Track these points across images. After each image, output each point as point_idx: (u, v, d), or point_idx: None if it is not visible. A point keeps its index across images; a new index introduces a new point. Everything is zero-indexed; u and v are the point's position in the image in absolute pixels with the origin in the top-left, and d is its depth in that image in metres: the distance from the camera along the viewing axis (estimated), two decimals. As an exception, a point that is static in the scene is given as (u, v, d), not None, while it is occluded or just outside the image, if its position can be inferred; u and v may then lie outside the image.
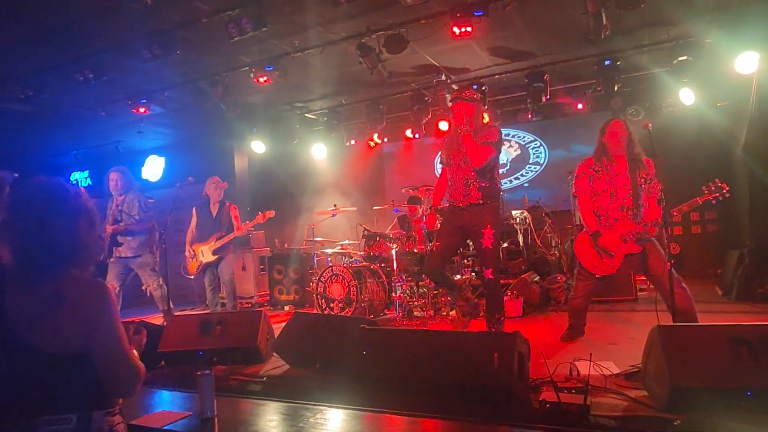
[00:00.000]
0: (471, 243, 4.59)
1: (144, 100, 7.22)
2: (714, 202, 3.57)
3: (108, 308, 1.67)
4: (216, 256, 5.80)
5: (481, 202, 3.89)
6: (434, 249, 4.13)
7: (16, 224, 1.66)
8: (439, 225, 4.48)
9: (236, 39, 5.17)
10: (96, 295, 1.67)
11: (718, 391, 2.36)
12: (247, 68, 6.44)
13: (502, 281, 6.17)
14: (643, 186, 3.73)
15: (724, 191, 3.53)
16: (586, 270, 3.91)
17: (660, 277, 3.54)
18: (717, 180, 3.58)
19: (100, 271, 5.47)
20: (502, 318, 3.99)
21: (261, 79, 6.35)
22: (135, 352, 1.78)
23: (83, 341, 1.61)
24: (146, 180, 10.46)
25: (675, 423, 2.28)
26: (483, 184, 3.89)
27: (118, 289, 5.49)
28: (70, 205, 1.71)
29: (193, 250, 5.90)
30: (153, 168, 10.62)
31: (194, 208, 6.11)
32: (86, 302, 1.64)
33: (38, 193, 1.70)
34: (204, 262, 5.84)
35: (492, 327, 3.95)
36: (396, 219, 6.89)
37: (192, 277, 6.02)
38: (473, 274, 6.01)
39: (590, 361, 2.93)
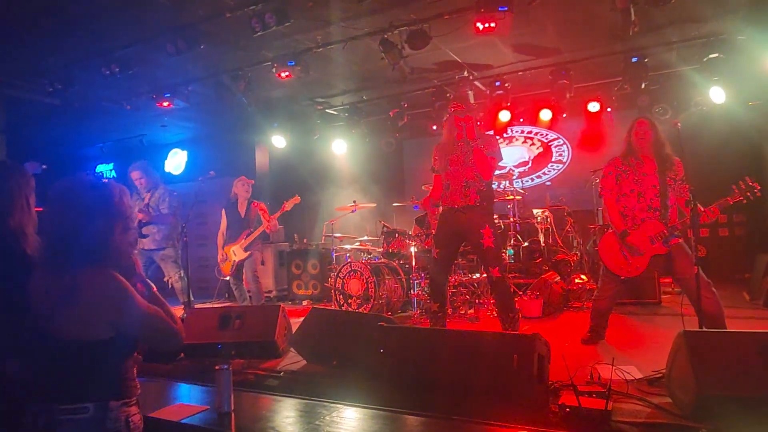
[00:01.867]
0: (468, 246, 4.58)
1: (168, 95, 7.30)
2: (745, 201, 3.42)
3: (126, 293, 1.70)
4: (248, 253, 5.87)
5: (478, 204, 3.96)
6: (436, 257, 4.12)
7: (53, 219, 1.72)
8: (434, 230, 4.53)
9: (259, 34, 5.18)
10: (112, 285, 1.69)
11: (745, 401, 2.29)
12: (269, 63, 6.46)
13: (522, 281, 6.14)
14: (671, 186, 3.65)
15: (756, 190, 3.39)
16: (611, 272, 3.84)
17: (687, 280, 3.44)
18: (748, 178, 3.43)
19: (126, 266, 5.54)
20: (517, 315, 4.00)
21: (283, 74, 6.36)
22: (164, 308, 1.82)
23: (112, 328, 1.66)
24: (169, 173, 10.60)
25: (700, 431, 2.22)
26: (481, 187, 3.99)
27: (141, 281, 5.55)
28: (109, 210, 1.74)
29: (225, 253, 5.98)
30: (175, 161, 10.76)
31: (223, 210, 6.19)
32: (105, 293, 1.67)
33: (80, 192, 1.74)
34: (237, 260, 5.91)
35: (507, 327, 3.92)
36: (415, 219, 6.86)
37: (227, 278, 6.11)
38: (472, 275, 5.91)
39: (612, 365, 2.87)
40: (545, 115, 8.15)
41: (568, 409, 2.48)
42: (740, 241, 7.86)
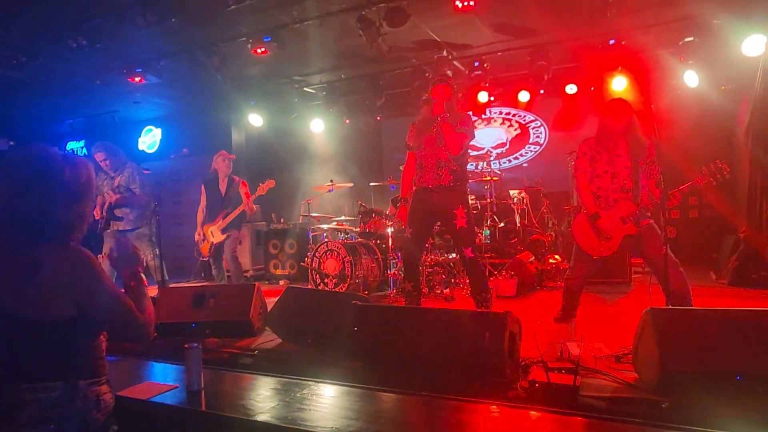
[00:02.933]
0: (442, 226, 4.56)
1: (139, 69, 7.09)
2: (714, 183, 3.47)
3: (97, 274, 1.67)
4: (225, 235, 5.71)
5: (452, 184, 3.95)
6: (410, 236, 4.09)
7: (10, 195, 1.66)
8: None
9: (233, 7, 5.07)
10: (81, 264, 1.66)
11: (707, 375, 2.36)
12: (244, 39, 6.31)
13: (498, 261, 6.21)
14: (643, 168, 3.69)
15: (725, 172, 3.43)
16: (583, 251, 3.86)
17: (656, 260, 3.51)
18: (717, 160, 3.47)
19: (96, 243, 5.45)
20: (489, 295, 4.04)
21: (259, 50, 6.23)
22: (140, 300, 1.79)
23: (76, 308, 1.62)
24: (142, 151, 10.37)
25: (663, 405, 2.28)
26: (454, 168, 3.96)
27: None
28: (51, 180, 1.67)
29: (204, 232, 5.81)
30: (150, 139, 10.53)
31: (203, 186, 5.95)
32: (72, 272, 1.63)
33: (22, 165, 1.68)
34: (215, 242, 5.75)
35: (480, 305, 3.97)
36: (391, 199, 6.85)
37: (206, 258, 5.96)
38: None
39: (581, 342, 2.93)
40: (523, 96, 8.16)
41: (537, 385, 2.53)
42: (709, 223, 8.05)
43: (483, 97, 7.92)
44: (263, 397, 2.51)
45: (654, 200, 3.56)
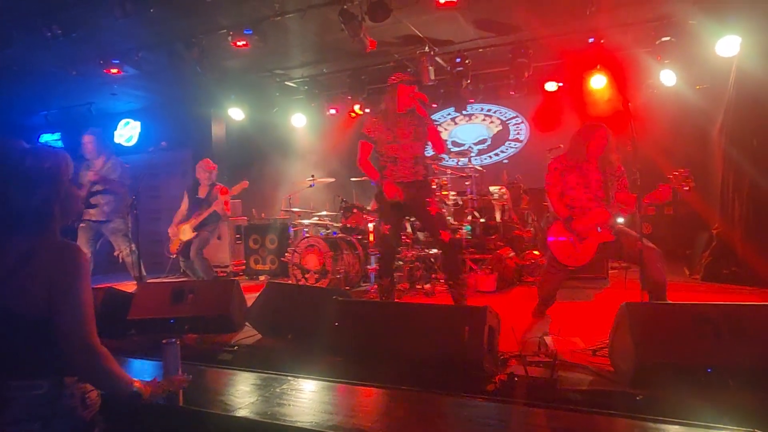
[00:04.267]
0: (416, 218, 4.61)
1: (116, 61, 6.95)
2: (680, 191, 3.44)
3: (77, 273, 1.63)
4: (195, 234, 5.78)
5: (423, 179, 4.10)
6: (387, 233, 4.09)
7: None
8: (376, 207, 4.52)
9: (213, -1, 4.99)
10: (65, 257, 1.63)
11: (680, 368, 2.42)
12: (224, 31, 6.23)
13: (478, 256, 6.26)
14: (611, 181, 3.80)
15: (685, 187, 3.40)
16: (558, 262, 3.88)
17: (636, 257, 3.50)
18: (681, 170, 3.43)
19: (70, 237, 5.35)
20: (465, 280, 4.16)
21: (239, 43, 6.16)
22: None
23: (48, 304, 1.57)
24: (119, 144, 10.18)
25: (638, 398, 2.33)
26: (426, 162, 4.16)
27: (88, 255, 5.38)
28: (11, 170, 1.63)
29: (177, 230, 5.89)
30: (127, 132, 10.34)
31: (185, 191, 6.11)
32: (54, 264, 1.60)
33: (20, 161, 1.65)
34: (184, 240, 5.81)
35: (456, 292, 4.00)
36: (375, 194, 6.85)
37: (173, 256, 6.03)
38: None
39: (559, 336, 2.97)
40: (504, 93, 8.23)
41: (516, 378, 2.56)
42: (684, 219, 8.22)
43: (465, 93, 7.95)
44: (242, 392, 2.50)
45: (625, 209, 3.67)
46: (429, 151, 4.41)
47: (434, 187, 5.51)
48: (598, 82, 7.52)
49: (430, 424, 2.17)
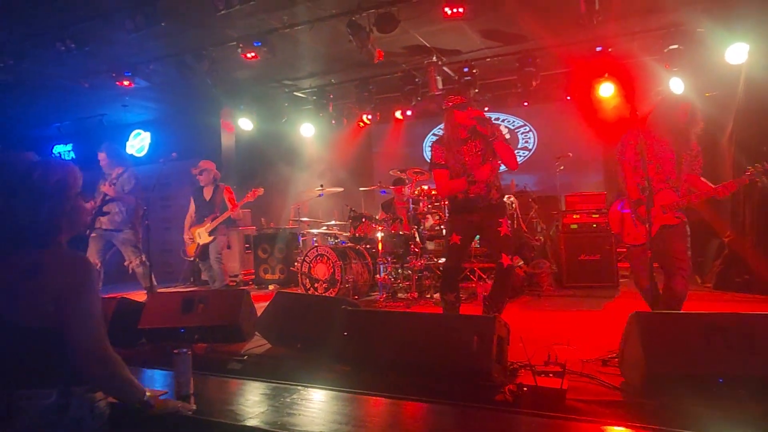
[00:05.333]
0: (482, 236, 4.21)
1: (128, 73, 7.06)
2: (759, 184, 3.40)
3: (86, 284, 1.64)
4: (212, 237, 5.90)
5: (496, 202, 3.88)
6: (457, 242, 3.85)
7: (3, 202, 1.64)
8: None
9: (223, 12, 5.06)
10: (73, 269, 1.64)
11: (691, 378, 2.40)
12: (234, 43, 6.32)
13: (487, 265, 6.25)
14: (686, 161, 3.61)
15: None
16: (628, 245, 3.82)
17: (672, 259, 3.57)
18: (766, 163, 3.37)
19: (81, 247, 5.41)
20: (504, 305, 3.86)
21: (249, 55, 6.24)
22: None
23: (56, 315, 1.58)
24: (131, 155, 10.30)
25: (649, 408, 2.32)
26: (498, 184, 3.90)
27: (99, 264, 5.44)
28: (17, 183, 1.66)
29: (191, 234, 6.03)
30: (138, 143, 10.46)
31: (191, 196, 6.25)
32: (63, 277, 1.61)
33: (27, 174, 1.67)
34: (201, 243, 5.94)
35: (492, 313, 3.87)
36: (381, 204, 6.88)
37: (191, 258, 6.17)
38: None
39: (568, 346, 2.96)
40: (512, 101, 8.24)
41: (525, 389, 2.55)
42: (694, 227, 8.07)
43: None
44: (253, 402, 2.51)
45: (697, 193, 3.54)
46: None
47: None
48: (607, 91, 7.52)
49: (439, 435, 2.17)
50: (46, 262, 1.61)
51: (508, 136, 9.54)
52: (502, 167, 3.97)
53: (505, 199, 6.95)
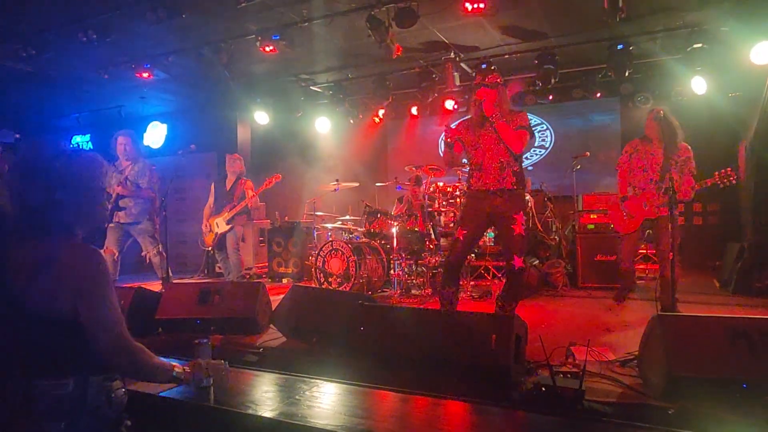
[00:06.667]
0: (497, 229, 4.21)
1: (148, 65, 7.11)
2: (721, 186, 3.92)
3: (102, 278, 1.64)
4: (229, 226, 5.97)
5: (515, 187, 3.69)
6: (461, 237, 3.75)
7: (22, 185, 1.64)
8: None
9: (243, 5, 5.09)
10: (87, 260, 1.64)
11: (713, 382, 2.37)
12: (253, 36, 6.32)
13: (501, 263, 6.21)
14: (674, 166, 4.30)
15: (732, 178, 3.92)
16: (618, 232, 4.75)
17: (659, 251, 4.37)
18: (729, 169, 3.90)
19: (98, 237, 5.47)
20: (515, 305, 3.79)
21: (267, 48, 6.25)
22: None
23: (73, 306, 1.59)
24: (147, 147, 10.39)
25: (669, 412, 2.29)
26: (515, 169, 3.72)
27: (116, 254, 5.50)
28: (92, 182, 1.70)
29: (209, 224, 6.08)
30: (155, 135, 10.54)
31: (212, 184, 6.33)
32: (79, 270, 1.62)
33: (50, 161, 1.67)
34: (219, 233, 6.01)
35: (504, 313, 3.84)
36: (396, 199, 6.86)
37: (209, 248, 6.26)
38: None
39: (587, 346, 2.93)
40: (530, 99, 8.17)
41: (543, 389, 2.53)
42: (713, 230, 8.05)
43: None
44: (271, 394, 2.52)
45: (681, 190, 4.09)
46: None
47: (527, 198, 5.27)
48: (627, 90, 7.43)
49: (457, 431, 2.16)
50: (60, 252, 1.61)
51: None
52: (527, 158, 3.95)
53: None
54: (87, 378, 1.63)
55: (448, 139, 3.80)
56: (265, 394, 2.52)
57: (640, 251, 6.28)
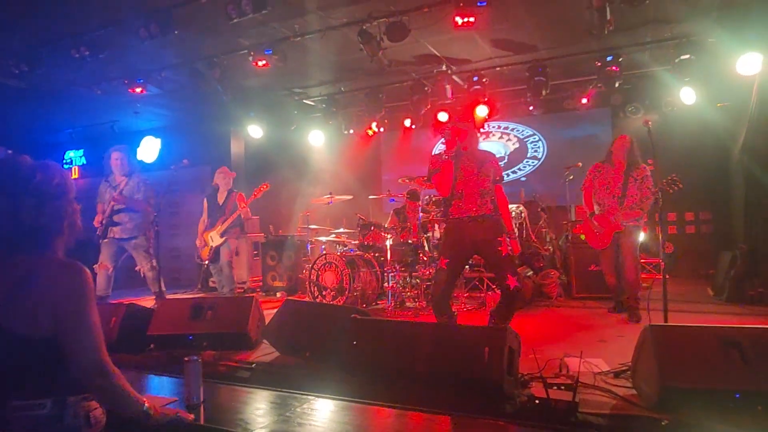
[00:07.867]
0: (483, 256, 4.26)
1: (141, 80, 7.13)
2: (670, 192, 3.92)
3: (83, 294, 1.61)
4: (224, 238, 5.95)
5: (493, 214, 3.86)
6: (444, 267, 3.81)
7: (11, 204, 1.62)
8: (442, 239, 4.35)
9: (235, 21, 5.10)
10: (70, 278, 1.61)
11: (706, 392, 2.36)
12: (245, 51, 6.36)
13: (493, 275, 6.19)
14: (633, 184, 4.74)
15: (678, 185, 3.90)
16: (592, 247, 5.09)
17: (621, 256, 4.82)
18: (673, 175, 3.94)
19: (92, 253, 5.44)
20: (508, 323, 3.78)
21: (260, 63, 6.28)
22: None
23: (52, 324, 1.55)
24: (141, 161, 10.37)
25: (662, 423, 2.28)
26: (494, 197, 3.92)
27: (111, 270, 5.47)
28: (21, 184, 1.64)
29: (204, 238, 6.07)
30: (148, 149, 10.53)
31: (204, 199, 6.29)
32: (57, 284, 1.59)
33: (31, 175, 1.65)
34: (214, 246, 5.99)
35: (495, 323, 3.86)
36: (392, 210, 6.87)
37: (206, 262, 6.22)
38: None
39: (580, 358, 2.93)
40: (522, 111, 8.22)
41: (536, 401, 2.52)
42: (706, 239, 8.09)
43: (482, 111, 7.96)
44: (262, 411, 2.50)
45: (631, 212, 4.70)
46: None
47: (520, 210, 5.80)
48: (616, 100, 7.50)
49: (450, 447, 2.14)
50: (41, 270, 1.58)
51: (513, 146, 9.51)
52: (521, 169, 4.13)
53: (513, 208, 7.02)
54: (65, 398, 1.59)
55: (431, 168, 3.98)
56: (258, 412, 2.50)
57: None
